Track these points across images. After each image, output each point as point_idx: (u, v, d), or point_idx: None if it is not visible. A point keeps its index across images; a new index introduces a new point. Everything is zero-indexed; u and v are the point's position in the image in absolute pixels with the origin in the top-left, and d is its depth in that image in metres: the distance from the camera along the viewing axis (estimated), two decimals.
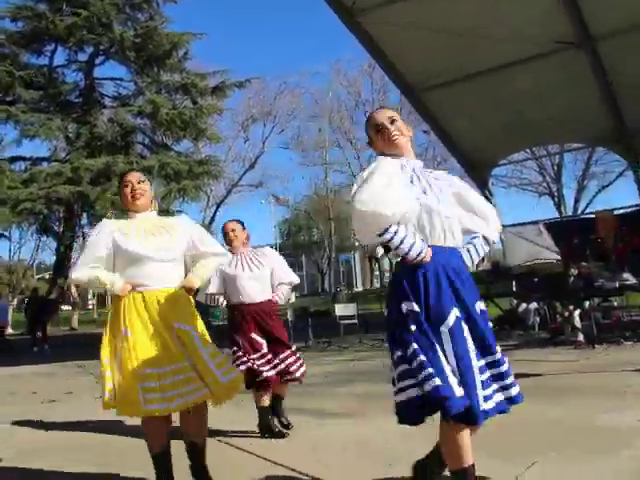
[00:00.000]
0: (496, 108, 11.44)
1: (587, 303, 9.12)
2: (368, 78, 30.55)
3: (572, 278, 8.98)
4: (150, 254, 3.06)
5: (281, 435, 4.24)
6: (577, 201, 29.44)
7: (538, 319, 10.64)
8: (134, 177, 3.21)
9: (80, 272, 3.07)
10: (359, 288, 50.07)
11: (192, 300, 3.22)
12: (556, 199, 29.46)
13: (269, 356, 4.30)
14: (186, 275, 3.22)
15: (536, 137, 12.86)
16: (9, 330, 25.72)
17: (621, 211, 11.82)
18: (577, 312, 8.93)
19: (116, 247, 3.08)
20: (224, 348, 3.97)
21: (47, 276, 35.33)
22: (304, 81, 60.40)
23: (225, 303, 4.47)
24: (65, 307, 28.38)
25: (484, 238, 2.64)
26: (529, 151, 20.94)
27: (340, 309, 13.11)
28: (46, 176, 20.01)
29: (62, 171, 20.01)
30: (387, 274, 37.84)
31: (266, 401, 4.30)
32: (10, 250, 34.22)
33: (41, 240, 28.56)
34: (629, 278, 8.58)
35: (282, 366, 4.32)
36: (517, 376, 5.88)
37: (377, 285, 46.61)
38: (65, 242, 23.28)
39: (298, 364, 4.42)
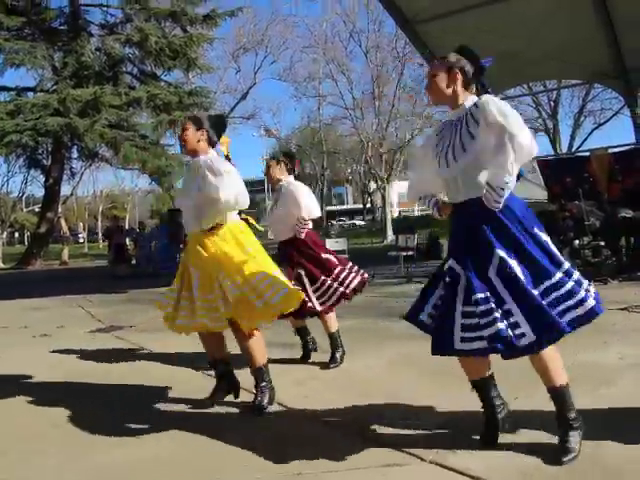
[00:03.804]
0: (493, 41, 11.10)
1: (577, 242, 9.15)
2: (364, 8, 29.57)
3: (563, 217, 8.98)
4: (177, 203, 3.62)
5: None
6: (573, 138, 29.20)
7: None
8: (180, 124, 3.55)
9: None
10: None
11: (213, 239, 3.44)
12: (551, 136, 29.18)
13: None
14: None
15: (534, 72, 12.60)
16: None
17: (616, 150, 11.71)
18: (566, 250, 8.97)
19: None
20: None
21: (37, 209, 35.08)
22: (297, 10, 58.70)
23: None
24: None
25: None
26: (525, 87, 20.55)
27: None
28: (32, 107, 19.54)
29: (49, 102, 19.53)
30: (379, 208, 37.78)
31: None
32: None
33: (29, 173, 28.08)
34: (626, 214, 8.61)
35: None
36: None
37: (369, 219, 46.75)
38: (54, 175, 22.98)
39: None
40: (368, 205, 48.78)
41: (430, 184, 2.93)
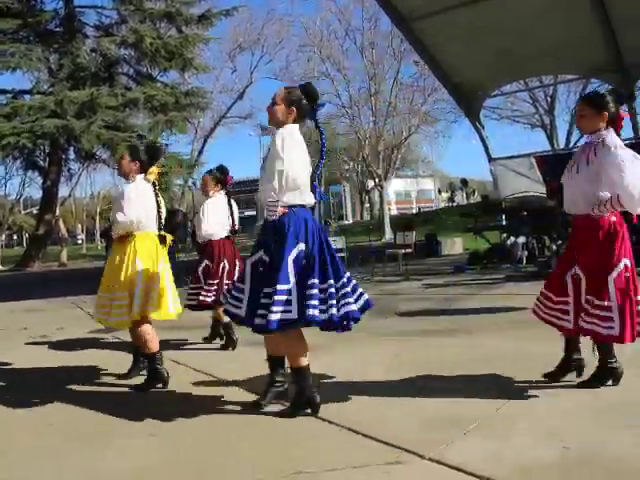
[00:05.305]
0: (489, 37, 11.13)
1: None
2: (359, 6, 29.47)
3: (562, 212, 8.98)
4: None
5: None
6: (570, 134, 29.17)
7: (526, 253, 10.71)
8: (118, 154, 4.38)
9: None
10: (349, 221, 50.15)
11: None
12: (549, 131, 29.17)
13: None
14: None
15: (530, 68, 12.60)
16: None
17: None
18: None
19: None
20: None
21: (34, 211, 35.02)
22: (293, 9, 58.66)
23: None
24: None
25: None
26: (522, 82, 20.56)
27: None
28: (29, 109, 19.54)
29: (45, 104, 19.54)
30: (377, 206, 37.69)
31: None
32: None
33: (27, 175, 28.06)
34: None
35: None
36: (503, 310, 5.93)
37: (367, 217, 46.70)
38: (51, 177, 22.96)
39: None
40: (367, 205, 48.81)
41: None
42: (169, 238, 4.24)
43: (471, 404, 3.31)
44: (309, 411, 3.29)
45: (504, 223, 11.94)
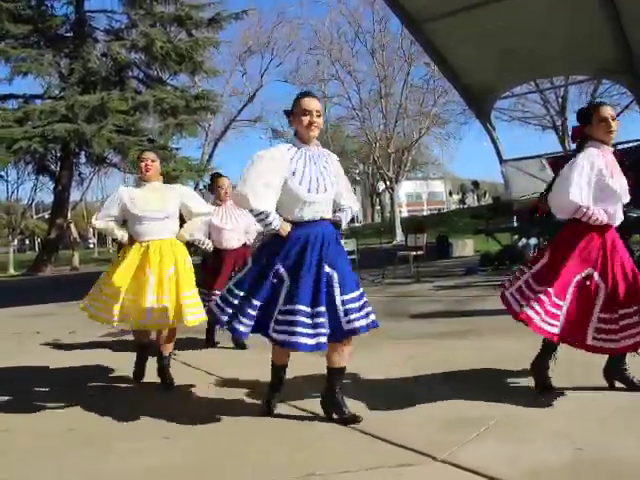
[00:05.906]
0: (499, 39, 11.09)
1: None
2: (369, 8, 29.47)
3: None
4: (147, 215, 4.19)
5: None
6: None
7: None
8: (149, 156, 4.30)
9: (100, 222, 4.33)
10: (360, 223, 50.12)
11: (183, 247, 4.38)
12: (560, 133, 28.98)
13: None
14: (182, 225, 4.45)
15: (540, 69, 12.52)
16: (11, 271, 25.93)
17: (624, 146, 11.59)
18: None
19: (125, 210, 4.24)
20: None
21: (46, 216, 35.25)
22: (303, 11, 58.78)
23: (211, 246, 5.37)
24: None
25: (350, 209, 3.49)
26: (533, 84, 20.46)
27: None
28: (40, 114, 19.67)
29: (56, 109, 19.67)
30: (388, 208, 37.61)
31: None
32: (7, 191, 33.98)
33: (38, 180, 28.27)
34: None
35: None
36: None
37: (378, 220, 46.64)
38: (63, 182, 23.09)
39: None
40: (377, 207, 48.78)
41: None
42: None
43: (481, 407, 3.29)
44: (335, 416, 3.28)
45: (515, 225, 11.87)
